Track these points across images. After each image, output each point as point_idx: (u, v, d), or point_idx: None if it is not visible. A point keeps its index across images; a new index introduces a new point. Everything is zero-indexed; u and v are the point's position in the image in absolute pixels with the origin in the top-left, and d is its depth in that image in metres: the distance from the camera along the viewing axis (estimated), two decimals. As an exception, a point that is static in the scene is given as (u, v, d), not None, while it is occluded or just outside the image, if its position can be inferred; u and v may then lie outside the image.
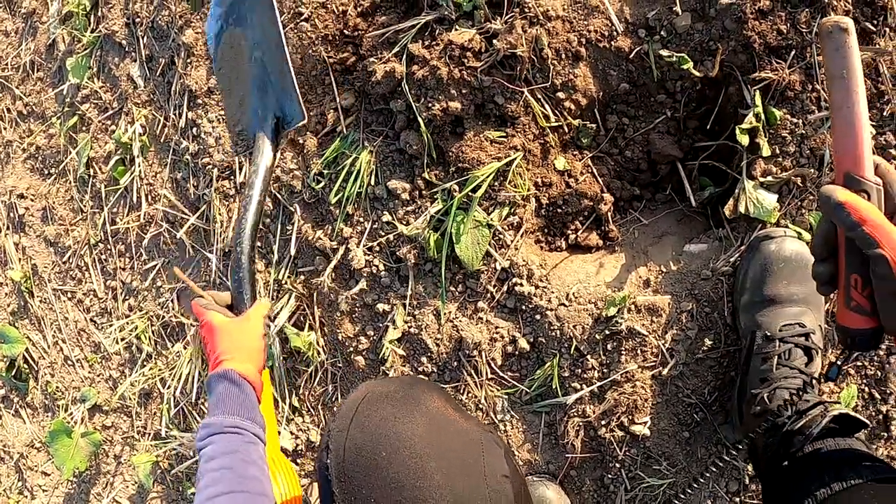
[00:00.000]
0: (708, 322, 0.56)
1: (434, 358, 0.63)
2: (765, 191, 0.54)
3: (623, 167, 0.60)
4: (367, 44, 0.58)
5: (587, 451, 0.60)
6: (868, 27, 0.55)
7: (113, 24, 0.83)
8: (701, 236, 0.58)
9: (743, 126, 0.52)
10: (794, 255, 0.51)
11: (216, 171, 0.73)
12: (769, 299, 0.51)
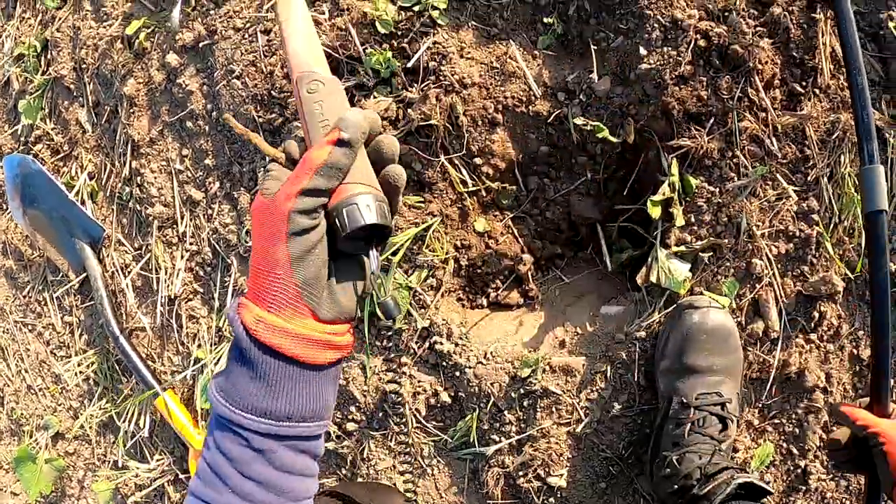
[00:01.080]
0: (622, 383, 0.56)
1: (362, 408, 0.62)
2: (678, 260, 0.53)
3: (544, 227, 0.59)
4: (293, 107, 0.57)
5: (507, 498, 0.60)
6: (796, 89, 0.55)
7: (62, 69, 0.81)
8: (618, 297, 0.58)
9: (655, 198, 0.52)
10: (718, 327, 0.50)
11: (157, 221, 0.72)
12: (689, 368, 0.51)
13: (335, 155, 0.27)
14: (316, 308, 0.27)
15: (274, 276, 0.26)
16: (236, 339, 0.27)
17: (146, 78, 0.71)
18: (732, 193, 0.53)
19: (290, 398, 0.27)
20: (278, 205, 0.27)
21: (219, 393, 0.27)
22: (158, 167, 0.71)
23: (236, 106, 0.62)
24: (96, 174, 0.78)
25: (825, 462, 0.59)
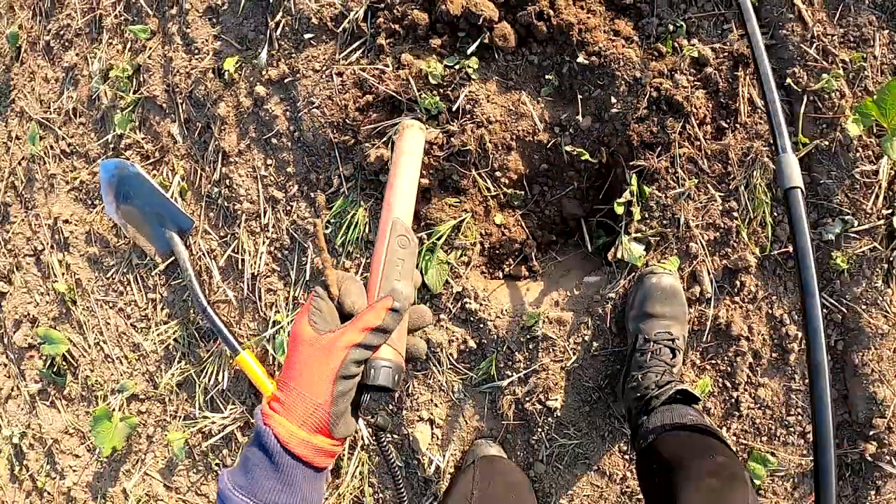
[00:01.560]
0: (599, 331, 0.95)
1: (410, 355, 1.00)
2: (636, 243, 0.91)
3: (544, 221, 0.98)
4: (363, 133, 0.95)
5: (517, 419, 0.99)
6: (722, 125, 0.92)
7: (154, 90, 1.18)
8: (597, 271, 0.96)
9: (620, 201, 0.90)
10: (669, 286, 0.88)
11: (244, 215, 1.10)
12: (649, 314, 0.88)
13: (387, 320, 0.40)
14: (333, 431, 0.40)
15: (315, 404, 0.38)
16: (264, 446, 0.38)
17: (235, 103, 1.08)
18: (674, 198, 0.91)
19: (303, 495, 0.39)
20: (337, 348, 0.38)
21: (237, 489, 0.38)
22: (245, 173, 1.09)
23: (315, 129, 1.00)
24: (186, 177, 1.16)
25: (753, 394, 0.97)
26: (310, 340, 0.40)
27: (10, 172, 1.42)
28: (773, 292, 0.94)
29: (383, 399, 0.45)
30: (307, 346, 0.40)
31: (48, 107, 1.35)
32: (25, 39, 1.39)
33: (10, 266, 1.46)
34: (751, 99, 0.92)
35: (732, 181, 0.92)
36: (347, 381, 0.40)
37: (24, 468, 1.58)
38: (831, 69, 0.89)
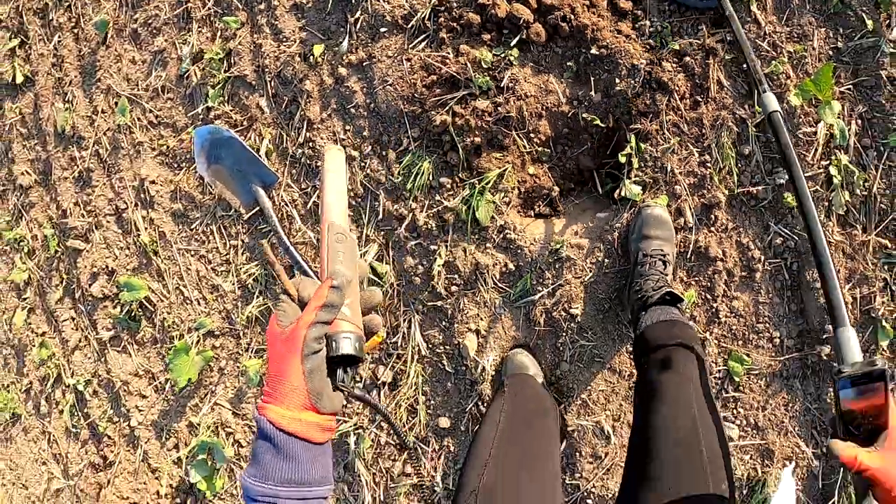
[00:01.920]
0: (609, 253, 1.42)
1: (461, 275, 1.46)
2: (635, 185, 1.40)
3: (565, 172, 1.46)
4: (429, 104, 1.42)
5: (546, 326, 1.44)
6: (697, 99, 1.42)
7: (244, 70, 1.65)
8: (606, 209, 1.44)
9: (622, 153, 1.39)
10: (660, 214, 1.36)
11: (325, 168, 1.55)
12: (646, 236, 1.35)
13: (331, 296, 0.54)
14: (317, 405, 0.53)
15: (293, 386, 0.52)
16: (264, 432, 0.51)
17: (319, 81, 1.55)
18: (663, 152, 1.40)
19: (308, 468, 0.52)
20: (297, 333, 0.52)
21: (252, 478, 0.52)
22: (326, 136, 1.55)
23: (389, 103, 1.47)
24: (272, 141, 1.61)
25: (729, 305, 1.44)
26: (278, 336, 0.54)
27: (94, 142, 1.86)
28: (740, 224, 1.42)
29: (354, 371, 0.59)
30: (276, 342, 0.54)
31: (136, 84, 1.80)
32: (112, 27, 1.85)
33: (90, 225, 1.89)
34: (719, 80, 1.42)
35: (706, 140, 1.41)
36: (313, 357, 0.53)
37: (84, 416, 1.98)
38: (779, 57, 1.40)
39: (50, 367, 2.00)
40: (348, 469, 1.70)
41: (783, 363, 1.46)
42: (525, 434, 1.06)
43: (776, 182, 1.41)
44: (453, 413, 1.56)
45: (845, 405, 0.74)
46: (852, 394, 0.73)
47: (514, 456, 0.96)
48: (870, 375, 0.72)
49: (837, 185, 1.39)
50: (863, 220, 1.42)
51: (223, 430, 1.78)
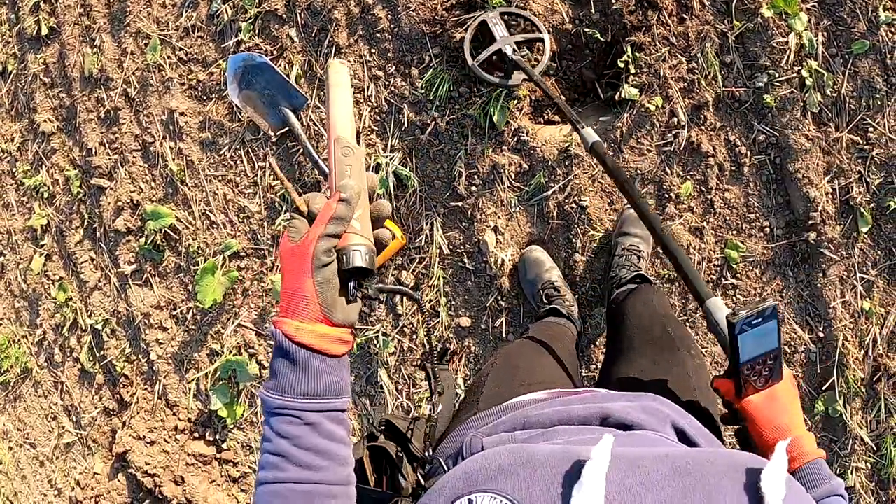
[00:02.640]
0: (612, 147, 2.07)
1: (480, 176, 2.10)
2: (632, 88, 2.07)
3: (570, 83, 2.13)
4: (448, 24, 2.11)
5: (560, 220, 2.08)
6: (683, 16, 2.11)
7: (275, 4, 2.35)
8: (608, 114, 2.10)
9: (621, 60, 2.07)
10: (636, 216, 2.02)
11: (353, 89, 2.22)
12: (625, 233, 2.01)
13: (340, 209, 0.69)
14: (330, 317, 0.69)
15: (304, 299, 0.68)
16: (280, 346, 0.68)
17: (346, 10, 2.25)
18: (655, 59, 2.08)
19: (325, 380, 0.69)
20: (307, 247, 0.67)
21: (270, 392, 0.69)
22: (354, 59, 2.23)
23: (411, 25, 2.15)
24: (302, 67, 2.29)
25: (722, 196, 2.07)
26: (289, 251, 0.69)
27: (123, 81, 2.55)
28: (726, 123, 2.08)
29: (369, 283, 0.74)
30: (288, 256, 0.69)
31: (166, 25, 2.50)
32: (142, -23, 2.57)
33: (114, 163, 2.55)
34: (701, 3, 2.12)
35: (692, 50, 2.09)
36: (324, 269, 0.68)
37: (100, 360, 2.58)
38: (754, -17, 2.10)
39: (66, 313, 2.60)
40: (370, 381, 2.28)
41: (775, 251, 2.08)
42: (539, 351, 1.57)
43: (756, 85, 2.08)
44: (474, 311, 2.17)
45: (744, 355, 0.89)
46: (749, 339, 0.88)
47: (531, 346, 1.48)
48: (763, 313, 0.87)
49: (810, 87, 2.06)
50: (835, 118, 2.08)
51: (246, 351, 2.36)
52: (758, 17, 2.07)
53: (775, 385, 0.91)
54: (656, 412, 0.85)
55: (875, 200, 2.09)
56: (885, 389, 2.14)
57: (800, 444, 0.86)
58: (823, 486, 0.83)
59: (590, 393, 0.94)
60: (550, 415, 0.83)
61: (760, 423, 0.89)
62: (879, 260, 2.11)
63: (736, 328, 0.88)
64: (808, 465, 0.85)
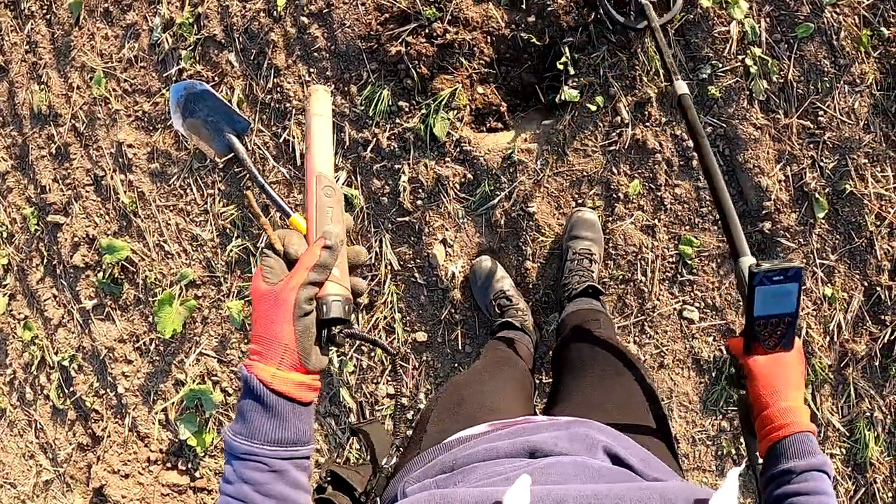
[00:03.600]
0: (555, 151, 2.06)
1: (425, 189, 2.10)
2: (573, 89, 2.05)
3: (511, 89, 2.12)
4: (384, 38, 2.11)
5: (508, 228, 2.07)
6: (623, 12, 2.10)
7: (213, 30, 2.35)
8: (550, 117, 2.09)
9: (559, 62, 2.05)
10: (589, 218, 2.01)
11: (294, 110, 2.22)
12: (576, 237, 2.00)
13: (323, 257, 0.70)
14: (306, 364, 0.70)
15: (283, 346, 0.68)
16: (253, 391, 0.68)
17: (283, 31, 2.25)
18: (594, 59, 2.07)
19: (295, 428, 0.69)
20: (287, 293, 0.68)
21: (237, 436, 0.68)
22: (293, 80, 2.23)
23: (347, 42, 2.15)
24: (243, 91, 2.29)
25: (672, 192, 2.06)
26: (265, 293, 0.69)
27: (71, 116, 2.56)
28: (671, 118, 2.07)
29: (342, 330, 0.76)
30: (264, 299, 0.69)
31: (110, 58, 2.52)
32: (84, 8, 2.58)
33: (69, 198, 2.56)
34: None
35: (632, 46, 2.07)
36: (304, 318, 0.69)
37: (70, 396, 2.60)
38: (691, -28, 2.08)
39: (33, 351, 2.63)
40: (333, 402, 2.29)
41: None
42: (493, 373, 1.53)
43: (699, 77, 2.06)
44: (429, 325, 2.17)
45: (758, 309, 0.89)
46: (767, 294, 0.89)
47: (479, 374, 1.43)
48: (786, 271, 0.87)
49: (755, 75, 2.04)
50: (784, 105, 2.06)
51: (210, 379, 2.38)
52: (697, 7, 2.06)
53: (784, 352, 0.91)
54: (585, 438, 0.86)
55: (830, 185, 2.07)
56: (853, 374, 2.12)
57: (794, 413, 0.86)
58: (810, 459, 0.83)
59: (525, 424, 0.94)
60: (478, 453, 0.83)
61: (760, 382, 0.89)
62: (839, 244, 2.09)
63: (756, 279, 0.88)
64: (797, 435, 0.85)
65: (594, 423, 0.94)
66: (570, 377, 1.35)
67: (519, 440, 0.84)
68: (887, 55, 2.06)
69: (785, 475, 0.83)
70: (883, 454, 2.16)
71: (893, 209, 2.07)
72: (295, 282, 0.69)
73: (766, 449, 0.87)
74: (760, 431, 0.89)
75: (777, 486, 0.84)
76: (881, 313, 2.10)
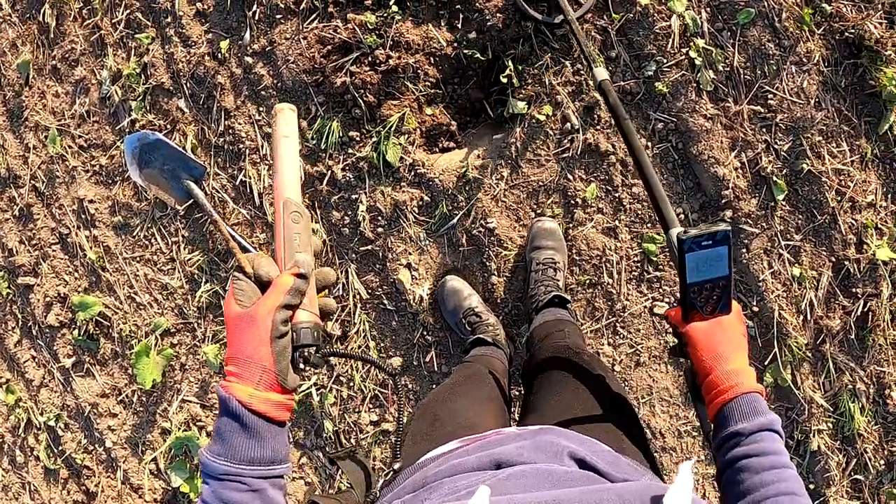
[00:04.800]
0: (506, 164, 2.09)
1: (384, 216, 2.14)
2: (519, 101, 2.09)
3: (459, 107, 2.16)
4: (329, 70, 2.14)
5: (470, 246, 2.11)
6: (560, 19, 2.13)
7: (161, 79, 2.39)
8: (500, 131, 2.13)
9: (503, 75, 2.09)
10: (549, 227, 2.05)
11: (247, 150, 2.26)
12: (538, 247, 2.03)
13: (297, 283, 0.74)
14: (284, 384, 0.74)
15: (261, 367, 0.71)
16: (231, 410, 0.71)
17: (229, 73, 2.28)
18: (539, 69, 2.11)
19: (272, 447, 0.73)
20: (263, 316, 0.71)
21: (216, 457, 0.71)
22: (244, 121, 2.27)
23: (293, 78, 2.19)
24: (196, 137, 2.33)
25: (629, 192, 2.10)
26: (240, 316, 0.73)
27: (31, 177, 2.60)
28: (626, 122, 2.10)
29: (311, 353, 0.79)
30: (240, 321, 0.72)
31: (62, 115, 2.55)
32: (32, 67, 2.62)
33: (36, 259, 2.60)
34: (579, 0, 2.14)
35: (575, 51, 2.11)
36: (281, 339, 0.73)
37: (60, 455, 2.64)
38: (626, -28, 2.11)
39: (19, 413, 2.67)
40: (318, 434, 2.32)
41: (694, 237, 2.10)
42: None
43: (645, 75, 2.10)
44: (403, 350, 2.20)
45: (691, 276, 0.91)
46: (698, 260, 0.90)
47: (450, 391, 1.47)
48: (713, 235, 0.89)
49: (700, 66, 2.08)
50: (732, 92, 2.10)
51: (195, 425, 2.41)
52: (636, 5, 2.09)
53: (723, 316, 0.93)
54: (551, 446, 0.88)
55: (787, 166, 2.11)
56: (830, 349, 2.16)
57: (738, 375, 0.88)
58: (758, 418, 0.84)
59: (493, 438, 0.97)
60: (445, 470, 0.86)
61: (701, 348, 0.91)
62: (802, 224, 2.12)
63: (685, 245, 0.89)
64: (744, 397, 0.86)
65: (560, 430, 0.96)
66: (538, 387, 1.39)
67: (485, 453, 0.86)
68: (831, 31, 2.09)
69: (734, 437, 0.85)
70: (870, 423, 2.20)
71: (853, 183, 2.10)
72: (270, 304, 0.72)
73: (714, 413, 0.89)
74: (707, 396, 0.90)
75: (728, 449, 0.85)
76: (852, 286, 2.13)
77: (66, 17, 2.52)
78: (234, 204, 2.29)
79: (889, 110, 2.08)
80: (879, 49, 2.05)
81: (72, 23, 2.51)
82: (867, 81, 2.09)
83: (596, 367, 1.34)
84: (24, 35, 2.59)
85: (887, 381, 2.17)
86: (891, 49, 2.06)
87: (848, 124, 2.11)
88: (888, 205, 2.13)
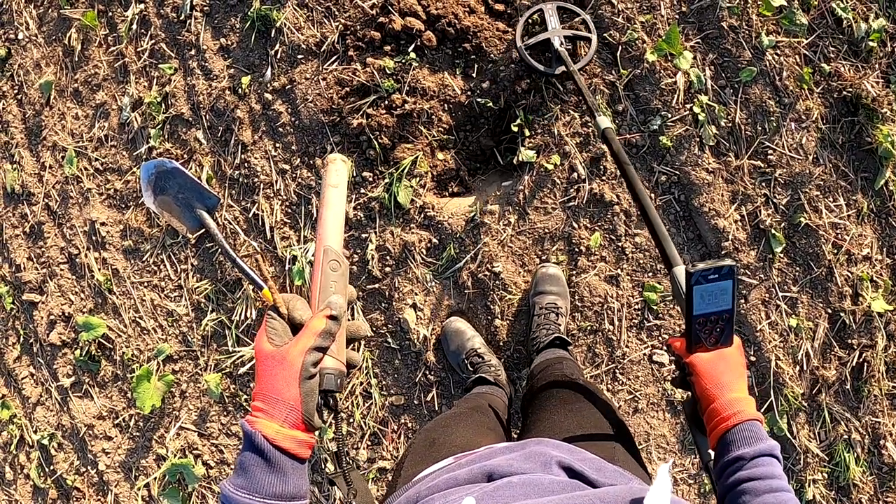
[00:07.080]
0: (515, 212, 2.23)
1: (392, 256, 2.26)
2: (529, 150, 2.24)
3: (470, 154, 2.30)
4: (346, 111, 2.29)
5: (475, 289, 2.23)
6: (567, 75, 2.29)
7: (181, 109, 2.53)
8: (509, 178, 2.27)
9: (514, 124, 2.24)
10: (554, 273, 2.19)
11: (261, 185, 2.40)
12: (541, 292, 2.17)
13: (329, 325, 0.78)
14: (309, 424, 0.78)
15: (289, 406, 0.76)
16: (256, 446, 0.75)
17: (249, 108, 2.43)
18: (548, 119, 2.26)
19: (294, 483, 0.76)
20: (295, 357, 0.76)
21: (238, 489, 0.74)
22: (260, 155, 2.41)
23: (311, 117, 2.33)
24: (212, 168, 2.47)
25: (632, 241, 2.23)
26: (272, 354, 0.77)
27: (44, 195, 2.73)
28: (631, 175, 2.24)
29: (331, 397, 0.87)
30: (271, 360, 0.77)
31: (81, 137, 2.69)
32: (54, 88, 2.77)
33: (43, 277, 2.72)
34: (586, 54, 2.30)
35: (583, 104, 2.26)
36: (310, 381, 0.78)
37: (50, 474, 2.72)
38: (633, 27, 2.28)
39: (12, 430, 2.75)
40: (316, 470, 2.41)
41: (694, 290, 2.23)
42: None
43: (650, 129, 2.25)
44: (405, 388, 2.31)
45: (697, 308, 0.98)
46: (704, 293, 0.98)
47: (451, 418, 1.57)
48: (720, 269, 0.97)
49: (703, 122, 2.23)
50: (734, 147, 2.25)
51: (191, 453, 2.50)
52: (643, 62, 2.25)
53: (724, 348, 1.01)
54: (540, 456, 0.94)
55: (785, 219, 2.24)
56: (826, 399, 2.27)
57: (739, 403, 0.95)
58: (759, 444, 0.90)
59: (484, 452, 1.04)
60: (439, 484, 0.93)
61: (704, 377, 0.99)
62: (799, 276, 2.25)
63: (693, 278, 0.96)
64: (745, 424, 0.93)
65: (550, 441, 1.03)
66: (534, 409, 1.49)
67: (476, 466, 0.91)
68: (830, 89, 2.25)
69: (736, 462, 0.91)
70: (865, 474, 2.30)
71: (849, 236, 2.24)
72: (302, 345, 0.77)
73: (716, 440, 0.96)
74: (709, 424, 0.97)
75: (729, 473, 0.92)
76: (847, 337, 2.26)
77: (92, 42, 2.68)
78: (244, 236, 2.41)
79: (884, 166, 2.23)
80: (876, 107, 2.21)
81: (97, 48, 2.66)
82: (864, 138, 2.24)
83: (592, 390, 1.42)
84: (49, 56, 2.75)
85: (882, 431, 2.28)
86: (887, 107, 2.21)
87: (845, 179, 2.26)
88: (883, 258, 2.26)
